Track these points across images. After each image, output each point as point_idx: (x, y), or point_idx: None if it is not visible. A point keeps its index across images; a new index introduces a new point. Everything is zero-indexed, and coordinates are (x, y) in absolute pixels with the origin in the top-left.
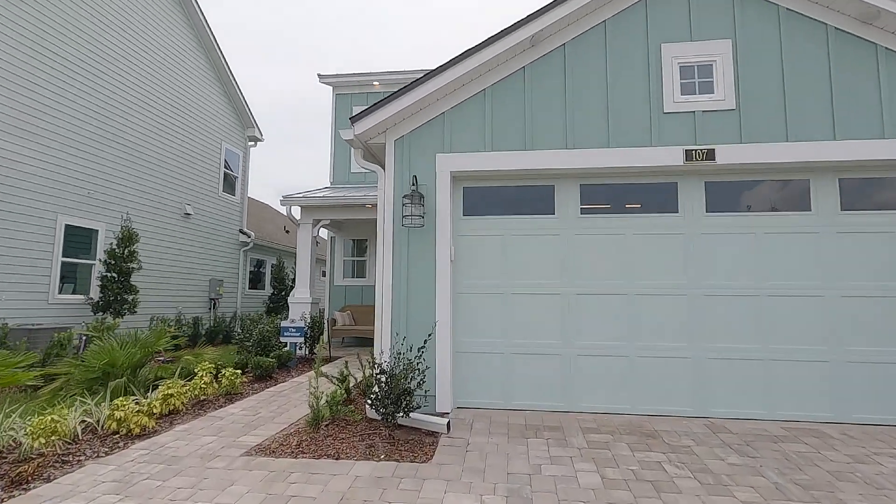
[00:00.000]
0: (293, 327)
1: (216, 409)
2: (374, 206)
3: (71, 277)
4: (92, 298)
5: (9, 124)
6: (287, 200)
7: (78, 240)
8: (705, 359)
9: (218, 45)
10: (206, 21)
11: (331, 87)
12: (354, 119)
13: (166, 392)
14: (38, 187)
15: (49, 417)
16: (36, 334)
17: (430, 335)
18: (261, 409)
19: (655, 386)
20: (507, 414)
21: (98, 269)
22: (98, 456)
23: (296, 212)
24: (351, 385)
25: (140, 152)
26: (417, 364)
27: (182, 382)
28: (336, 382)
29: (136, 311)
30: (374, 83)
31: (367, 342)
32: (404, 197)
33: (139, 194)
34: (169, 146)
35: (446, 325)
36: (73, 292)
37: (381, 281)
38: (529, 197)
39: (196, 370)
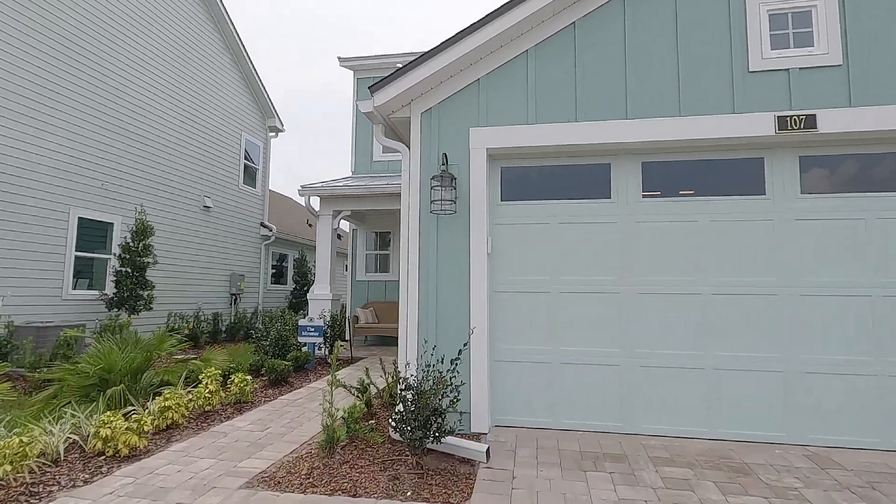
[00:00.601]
0: (311, 326)
1: (222, 421)
2: (398, 194)
3: (86, 273)
4: (106, 294)
5: (20, 113)
6: (305, 191)
7: (92, 233)
8: (802, 373)
9: (237, 33)
10: (225, 9)
11: (352, 71)
12: (374, 88)
13: (163, 404)
14: (50, 178)
15: (17, 439)
16: (45, 332)
17: (465, 344)
18: (271, 423)
19: (739, 405)
20: (556, 436)
21: (113, 263)
22: (74, 486)
23: (315, 203)
24: (373, 393)
25: (157, 143)
26: (451, 379)
27: (184, 391)
28: (355, 393)
29: (151, 308)
30: (398, 65)
31: (390, 341)
32: (433, 179)
33: (156, 186)
34: (187, 136)
35: (483, 329)
36: (89, 288)
37: (406, 279)
38: (580, 178)
39: (201, 377)
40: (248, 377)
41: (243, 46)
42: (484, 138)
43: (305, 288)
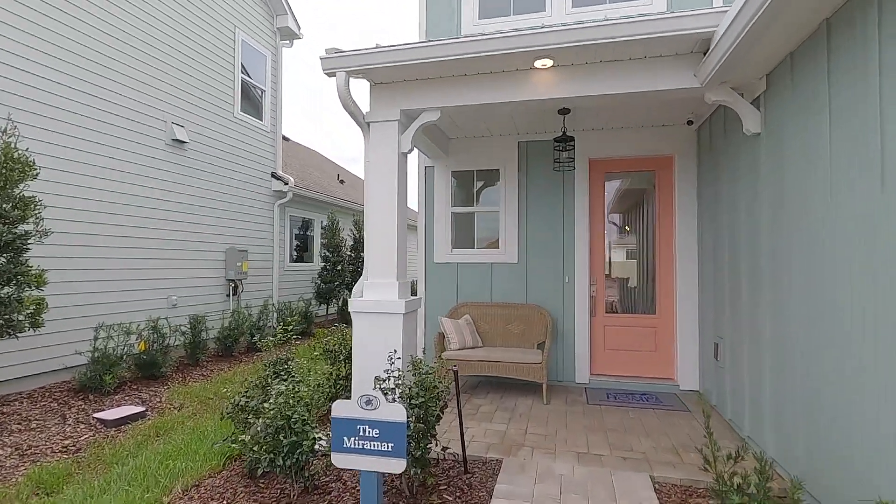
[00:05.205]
0: (369, 423)
1: None
2: (558, 63)
3: None
4: None
5: None
6: (333, 59)
7: None
8: None
9: None
10: None
11: None
12: None
13: None
14: None
15: None
16: None
17: None
18: None
19: None
20: None
21: None
22: None
23: (360, 93)
24: None
25: (77, 19)
26: None
27: None
28: None
29: (41, 324)
30: None
31: (511, 385)
32: None
33: (76, 97)
34: (137, 20)
35: None
36: None
37: None
38: None
39: None
40: None
41: None
42: None
43: (339, 266)
